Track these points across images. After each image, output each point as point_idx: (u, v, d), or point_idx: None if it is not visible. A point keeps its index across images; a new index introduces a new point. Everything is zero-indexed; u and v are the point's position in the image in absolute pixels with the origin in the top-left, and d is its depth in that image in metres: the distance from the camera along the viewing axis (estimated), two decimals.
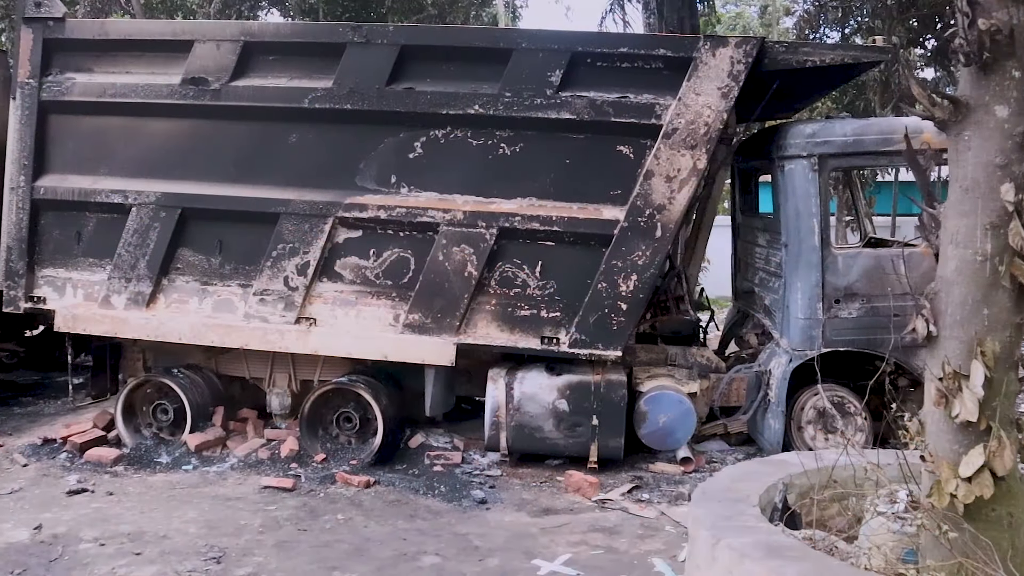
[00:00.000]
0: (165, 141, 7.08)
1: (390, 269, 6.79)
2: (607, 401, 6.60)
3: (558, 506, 6.09)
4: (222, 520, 5.71)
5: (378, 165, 6.75)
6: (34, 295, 7.33)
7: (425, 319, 6.70)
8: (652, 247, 6.44)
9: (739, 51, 6.29)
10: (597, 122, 6.44)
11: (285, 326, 6.87)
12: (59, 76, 7.19)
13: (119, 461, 6.91)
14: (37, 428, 7.99)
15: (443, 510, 5.98)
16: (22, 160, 7.21)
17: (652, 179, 6.40)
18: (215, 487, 6.41)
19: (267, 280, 6.89)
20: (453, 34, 6.68)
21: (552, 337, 6.62)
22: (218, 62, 6.88)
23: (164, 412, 7.26)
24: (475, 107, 6.53)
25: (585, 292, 6.55)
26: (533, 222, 6.53)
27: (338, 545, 5.33)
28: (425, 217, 6.64)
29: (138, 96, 7.01)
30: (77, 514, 5.81)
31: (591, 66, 6.46)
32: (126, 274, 7.12)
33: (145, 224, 7.05)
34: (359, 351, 6.80)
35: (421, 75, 6.65)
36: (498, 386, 6.71)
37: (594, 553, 5.22)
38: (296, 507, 5.99)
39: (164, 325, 7.04)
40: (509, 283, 6.66)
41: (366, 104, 6.66)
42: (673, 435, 6.69)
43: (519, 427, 6.67)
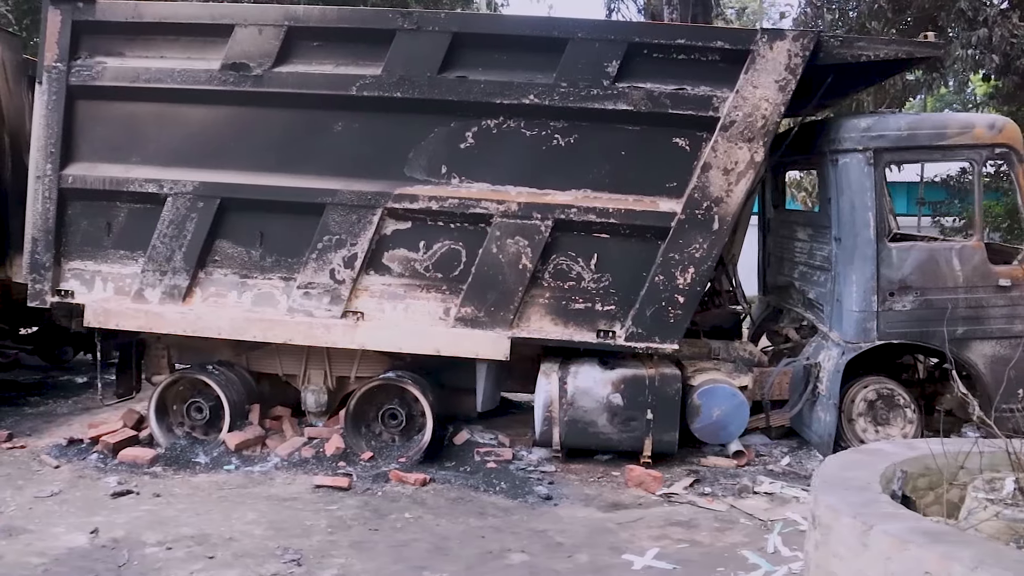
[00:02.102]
0: (203, 128, 6.82)
1: (440, 261, 6.64)
2: (662, 395, 6.56)
3: (624, 501, 6.03)
4: (285, 521, 5.52)
5: (428, 155, 6.59)
6: (61, 289, 7.00)
7: (478, 312, 6.57)
8: (709, 240, 6.41)
9: (796, 44, 6.29)
10: (654, 114, 6.38)
11: (331, 320, 6.68)
12: (88, 60, 6.87)
13: (156, 461, 6.64)
14: (55, 428, 7.67)
15: (511, 507, 5.87)
16: (48, 147, 6.87)
17: (710, 171, 6.37)
18: (264, 487, 6.19)
19: (312, 273, 6.68)
20: (507, 22, 6.56)
21: (608, 330, 6.55)
22: (260, 47, 6.65)
23: (199, 410, 7.01)
24: (530, 97, 6.42)
25: (640, 285, 6.50)
26: (590, 214, 6.45)
27: (416, 544, 5.18)
28: (478, 208, 6.52)
29: (174, 82, 6.74)
30: (129, 517, 5.56)
31: (647, 57, 6.40)
32: (161, 267, 6.84)
33: (182, 215, 6.78)
34: (410, 346, 6.64)
35: (473, 64, 6.51)
36: (551, 381, 6.61)
37: (680, 547, 5.17)
38: (357, 506, 5.82)
39: (202, 320, 6.78)
40: (563, 276, 6.57)
41: (417, 92, 6.50)
42: (726, 429, 6.68)
43: (572, 422, 6.59)
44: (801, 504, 5.89)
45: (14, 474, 6.43)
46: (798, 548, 5.07)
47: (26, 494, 5.99)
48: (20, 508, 5.73)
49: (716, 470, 6.61)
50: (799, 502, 5.93)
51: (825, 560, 3.84)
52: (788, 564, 4.84)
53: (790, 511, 5.73)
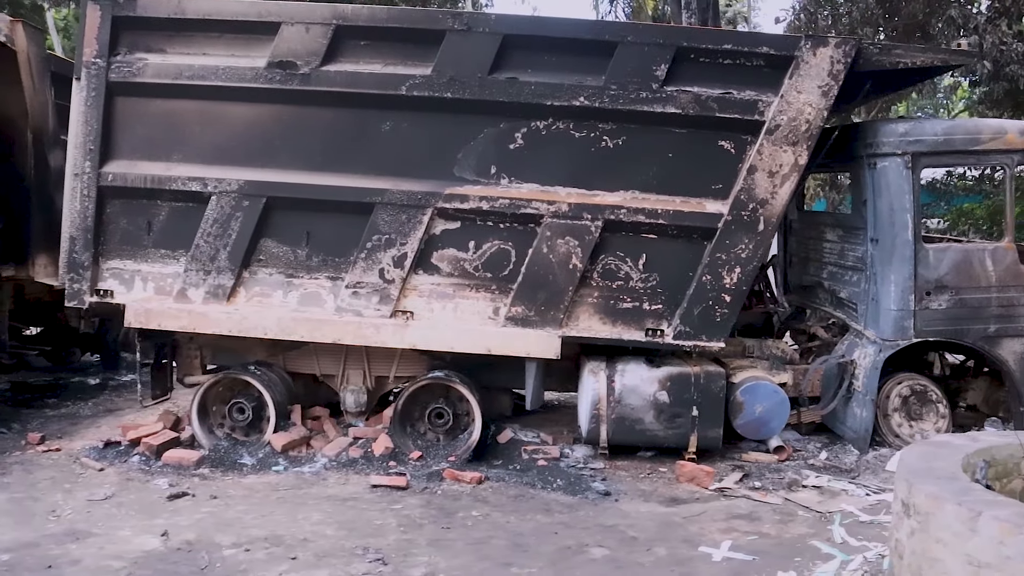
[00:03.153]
0: (248, 127, 6.77)
1: (490, 261, 6.69)
2: (707, 392, 6.70)
3: (681, 496, 6.16)
4: (353, 521, 5.52)
5: (477, 155, 6.64)
6: (100, 288, 6.88)
7: (529, 312, 6.64)
8: (755, 240, 6.57)
9: (839, 51, 6.48)
10: (701, 117, 6.52)
11: (381, 320, 6.68)
12: (129, 56, 6.76)
13: (202, 463, 6.58)
14: (84, 430, 7.55)
15: (573, 503, 5.95)
16: (87, 145, 6.75)
17: (755, 174, 6.53)
18: (319, 488, 6.18)
19: (361, 272, 6.68)
20: (557, 25, 6.61)
21: (656, 329, 6.67)
22: (307, 46, 6.62)
23: (240, 411, 6.94)
24: (580, 99, 6.51)
25: (687, 284, 6.64)
26: (639, 215, 6.56)
27: (494, 541, 5.23)
28: (529, 209, 6.59)
29: (218, 79, 6.67)
30: (192, 519, 5.51)
31: (694, 61, 6.53)
32: (205, 266, 6.77)
33: (226, 213, 6.72)
34: (462, 345, 6.67)
35: (523, 65, 6.57)
36: (598, 379, 6.71)
37: (750, 539, 5.31)
38: (421, 505, 5.84)
39: (247, 320, 6.73)
40: (612, 275, 6.68)
41: (467, 93, 6.54)
42: (768, 425, 6.85)
43: (620, 420, 6.70)
44: (851, 496, 6.09)
45: (59, 477, 6.32)
46: (864, 538, 5.26)
47: (78, 497, 5.90)
48: (77, 511, 5.64)
49: (759, 465, 6.78)
50: (848, 495, 6.12)
51: (925, 546, 4.00)
52: (860, 553, 5.00)
53: (844, 503, 5.91)
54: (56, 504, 5.77)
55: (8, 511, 5.61)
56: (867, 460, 6.79)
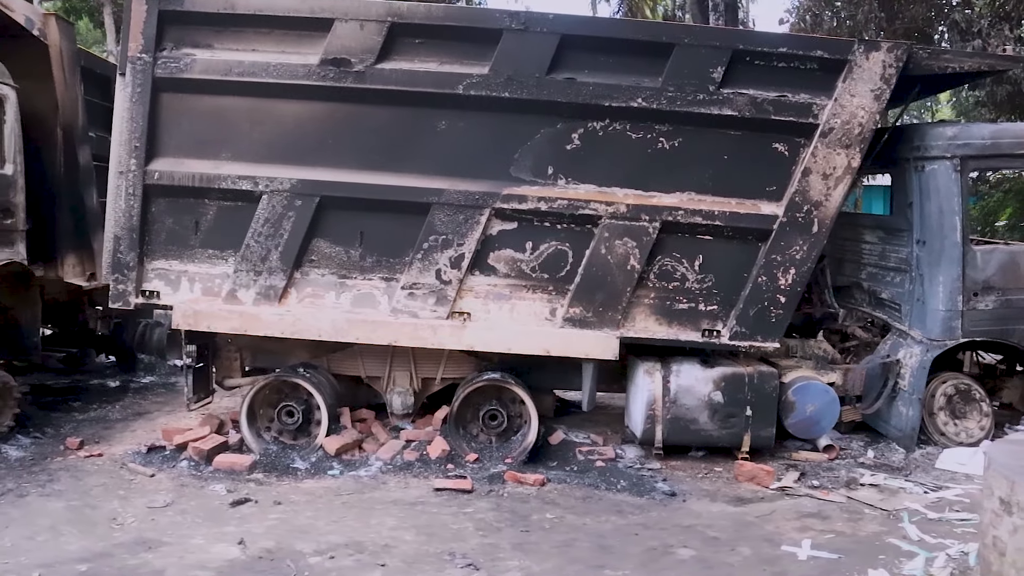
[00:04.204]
0: (300, 124, 6.64)
1: (547, 262, 6.67)
2: (760, 392, 6.76)
3: (745, 495, 6.20)
4: (429, 525, 5.46)
5: (534, 155, 6.60)
6: (145, 289, 6.71)
7: (586, 313, 6.63)
8: (809, 242, 6.64)
9: (891, 55, 6.57)
10: (756, 119, 6.56)
11: (437, 321, 6.62)
12: (175, 52, 6.60)
13: (254, 468, 6.45)
14: (119, 435, 7.38)
15: (642, 504, 5.96)
16: (133, 142, 6.58)
17: (810, 176, 6.59)
18: (382, 492, 6.10)
19: (417, 273, 6.61)
20: (615, 26, 6.67)
21: (712, 329, 6.71)
22: (362, 43, 6.52)
23: (290, 414, 6.82)
24: (638, 100, 6.51)
25: (742, 285, 6.69)
26: (696, 216, 6.59)
27: (578, 544, 5.22)
28: (587, 210, 6.57)
29: (270, 76, 6.54)
30: (264, 526, 5.40)
31: (749, 64, 6.56)
32: (255, 267, 6.64)
33: (278, 213, 6.60)
34: (520, 346, 6.64)
35: (580, 65, 6.55)
36: (654, 379, 6.73)
37: (827, 537, 5.37)
38: (491, 508, 5.80)
39: (301, 321, 6.62)
40: (668, 276, 6.70)
41: (525, 93, 6.51)
42: (819, 424, 6.93)
43: (675, 420, 6.73)
44: (910, 494, 6.18)
45: (110, 484, 6.16)
46: (937, 535, 5.35)
47: (137, 504, 5.75)
48: (140, 519, 5.50)
49: (811, 464, 6.86)
50: (907, 492, 6.22)
51: None
52: (941, 551, 5.08)
53: (906, 501, 6.00)
54: (115, 512, 5.62)
55: (70, 519, 5.45)
56: (915, 458, 6.91)
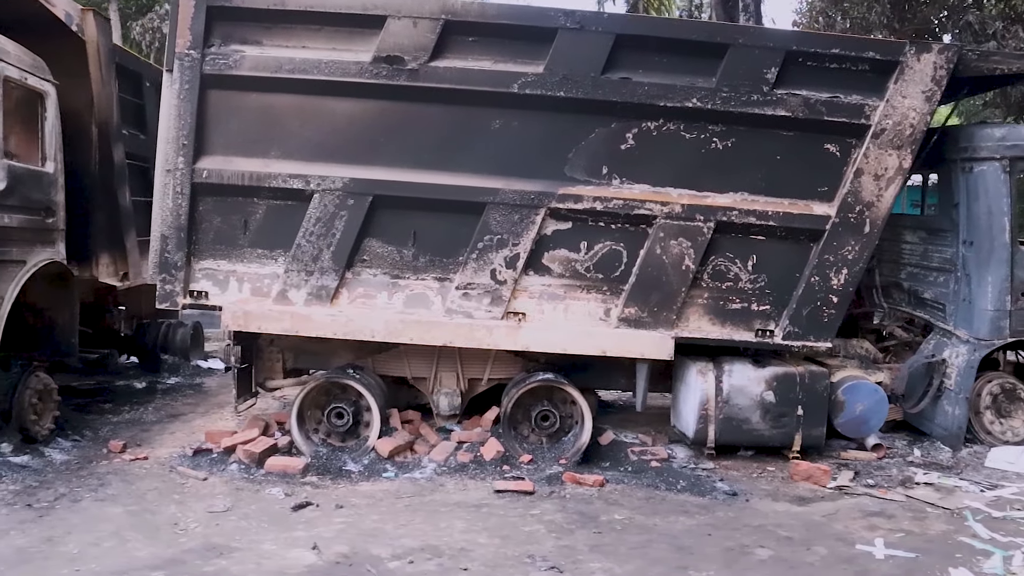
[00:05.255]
0: (352, 123, 6.56)
1: (601, 262, 6.64)
2: (811, 391, 6.78)
3: (804, 494, 6.21)
4: (500, 528, 5.41)
5: (588, 155, 6.58)
6: (193, 289, 6.59)
7: (641, 313, 6.62)
8: (861, 242, 6.67)
9: (941, 57, 6.61)
10: (809, 120, 6.58)
11: (492, 322, 6.57)
12: (224, 48, 6.49)
13: (307, 471, 6.35)
14: (158, 437, 7.26)
15: (706, 504, 5.94)
16: (180, 139, 6.46)
17: (862, 177, 6.62)
18: (441, 495, 6.03)
19: (472, 273, 6.56)
20: (669, 25, 6.64)
21: (765, 329, 6.72)
22: (415, 41, 6.46)
23: (339, 416, 6.74)
24: (692, 100, 6.51)
25: (794, 285, 6.71)
26: (750, 216, 6.60)
27: (655, 545, 5.19)
28: (643, 210, 6.56)
29: (321, 73, 6.45)
30: (333, 531, 5.30)
31: (802, 65, 6.57)
32: (307, 267, 6.55)
33: (330, 212, 6.51)
34: (576, 347, 6.61)
35: (635, 65, 6.53)
36: (707, 379, 6.72)
37: (898, 536, 5.39)
38: (557, 510, 5.75)
39: (353, 322, 6.54)
40: (721, 276, 6.70)
41: (580, 92, 6.48)
42: (868, 423, 6.96)
43: (728, 420, 6.73)
44: (967, 493, 6.23)
45: (162, 488, 6.03)
46: (1007, 533, 5.40)
47: (196, 509, 5.63)
48: (203, 524, 5.38)
49: (861, 463, 6.89)
50: (963, 491, 6.27)
51: None
52: (1016, 549, 5.12)
53: (967, 500, 6.05)
54: (175, 517, 5.50)
55: (132, 525, 5.33)
56: (963, 457, 6.97)
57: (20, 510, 5.48)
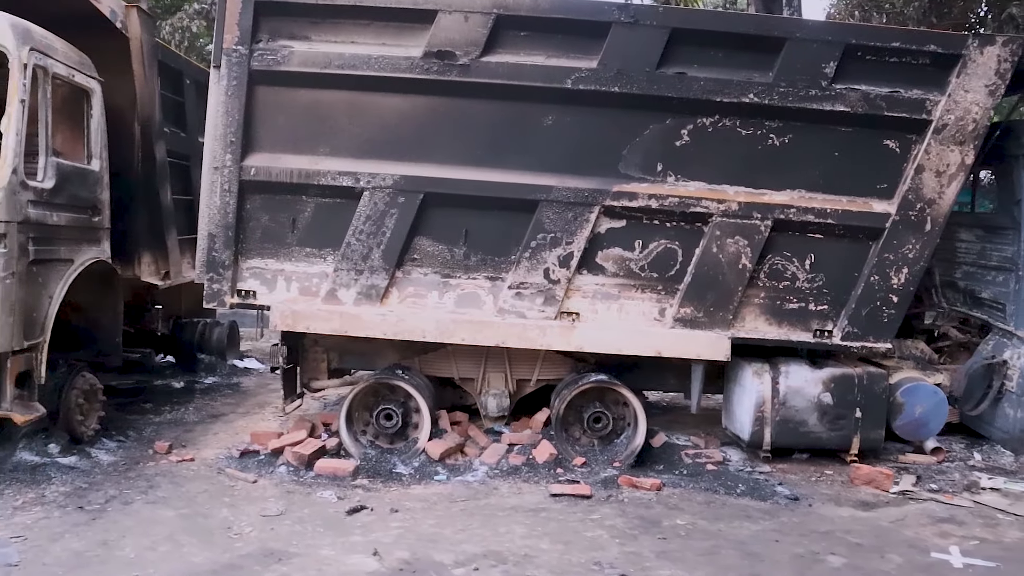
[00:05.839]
0: (402, 119, 6.44)
1: (656, 261, 6.51)
2: (869, 393, 6.62)
3: (868, 499, 6.05)
4: (561, 533, 5.28)
5: (643, 152, 6.44)
6: (241, 288, 6.50)
7: (697, 313, 6.48)
8: (922, 241, 6.51)
9: (1006, 50, 6.43)
10: (868, 115, 6.41)
11: (545, 322, 6.45)
12: (272, 44, 6.39)
13: (357, 474, 6.24)
14: (202, 438, 7.18)
15: (768, 509, 5.80)
16: (228, 136, 6.36)
17: (923, 173, 6.46)
18: (496, 498, 5.91)
19: (524, 272, 6.44)
20: (726, 19, 6.47)
21: (823, 330, 6.57)
22: (466, 35, 6.33)
23: (388, 418, 6.62)
24: (749, 96, 6.36)
25: (854, 285, 6.55)
26: (808, 214, 6.44)
27: (723, 551, 5.06)
28: (699, 208, 6.42)
29: (370, 69, 6.34)
30: (391, 536, 5.19)
31: (861, 59, 6.41)
32: (356, 265, 6.44)
33: (380, 210, 6.40)
34: (631, 347, 6.47)
35: (690, 60, 6.38)
36: (763, 381, 6.58)
37: (973, 544, 5.23)
38: (617, 515, 5.62)
39: (404, 322, 6.42)
40: (778, 276, 6.55)
41: (635, 88, 6.34)
42: (927, 426, 6.81)
43: (784, 422, 6.58)
44: None
45: (211, 490, 5.93)
46: None
47: (248, 512, 5.53)
48: (257, 528, 5.28)
49: (921, 467, 6.72)
50: None
51: None
52: None
53: None
54: (228, 520, 5.40)
55: (185, 529, 5.23)
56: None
57: (72, 512, 5.40)
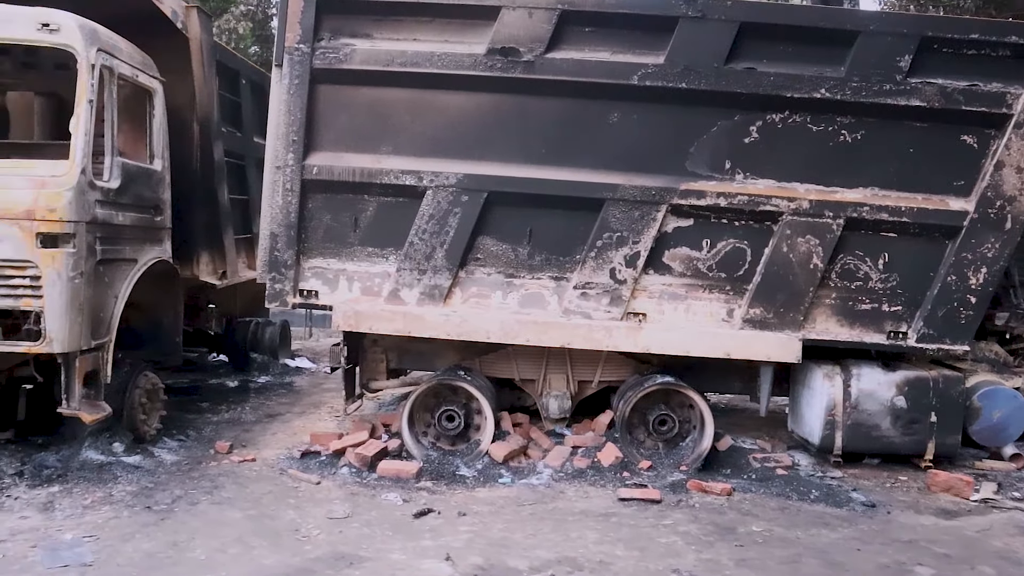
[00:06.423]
0: (465, 117, 6.37)
1: (724, 261, 6.37)
2: (945, 397, 6.42)
3: (947, 507, 5.87)
4: (634, 539, 5.15)
5: (710, 149, 6.31)
6: (303, 288, 6.46)
7: (767, 314, 6.33)
8: (1001, 239, 6.30)
9: None
10: (945, 110, 6.22)
11: (611, 322, 6.33)
12: (333, 42, 6.34)
13: (421, 476, 6.17)
14: (260, 437, 7.18)
15: (845, 516, 5.63)
16: (290, 135, 6.33)
17: (1003, 170, 6.25)
18: (564, 502, 5.80)
19: (590, 272, 6.33)
20: (796, 12, 6.31)
21: (897, 331, 6.39)
22: (530, 32, 6.24)
23: (450, 419, 6.54)
24: (821, 91, 6.19)
25: (928, 285, 6.36)
26: (882, 212, 6.26)
27: (806, 560, 4.90)
28: (768, 206, 6.26)
29: (433, 66, 6.27)
30: (461, 540, 5.09)
31: (937, 52, 6.22)
32: (420, 265, 6.37)
33: (443, 209, 6.32)
34: (698, 348, 6.34)
35: (759, 55, 6.24)
36: (834, 383, 6.41)
37: None
38: (689, 520, 5.49)
39: (467, 322, 6.34)
40: (850, 276, 6.38)
41: (703, 84, 6.20)
42: (1006, 431, 6.59)
43: (856, 426, 6.41)
44: None
45: (275, 492, 5.89)
46: None
47: (314, 515, 5.47)
48: (325, 531, 5.21)
49: (1001, 474, 6.52)
50: None
51: None
52: None
53: None
54: (295, 522, 5.34)
55: (255, 531, 5.17)
56: None
57: (141, 512, 5.38)
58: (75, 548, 4.79)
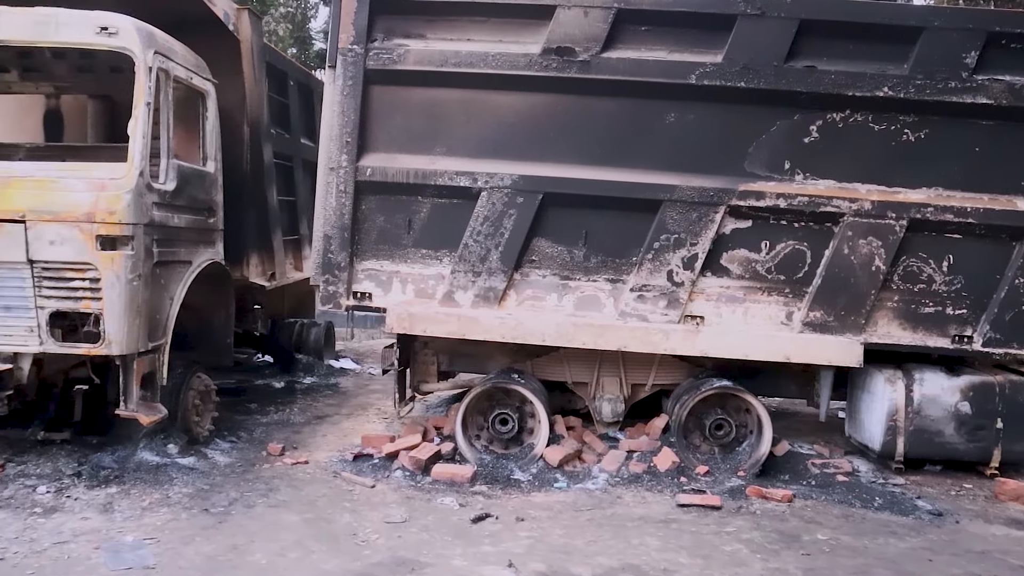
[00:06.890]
0: (520, 117, 6.31)
1: (783, 263, 6.25)
2: (1012, 403, 6.25)
3: (1017, 516, 5.73)
4: (697, 547, 5.05)
5: (769, 149, 6.19)
6: (356, 291, 6.43)
7: (827, 317, 6.20)
8: None
9: None
10: (1013, 107, 6.06)
11: (669, 325, 6.24)
12: (387, 43, 6.31)
13: (475, 480, 6.11)
14: (310, 439, 7.16)
15: (913, 525, 5.50)
16: (344, 137, 6.30)
17: None
18: (621, 508, 5.72)
19: (647, 275, 6.24)
20: (857, 9, 6.14)
21: (962, 335, 6.23)
22: (586, 31, 6.16)
23: (503, 422, 6.47)
24: (883, 89, 6.06)
25: (994, 288, 6.20)
26: (946, 213, 6.11)
27: (876, 571, 4.78)
28: (829, 207, 6.14)
29: (487, 66, 6.21)
30: (521, 546, 5.02)
31: (1005, 48, 6.07)
32: (474, 267, 6.32)
33: (498, 211, 6.27)
34: (757, 352, 6.23)
35: (819, 53, 6.12)
36: (896, 389, 6.26)
37: None
38: (752, 528, 5.38)
39: (523, 325, 6.28)
40: (913, 278, 6.24)
41: (762, 82, 6.09)
42: None
43: (919, 432, 6.26)
44: None
45: (330, 495, 5.86)
46: None
47: (371, 519, 5.43)
48: (383, 536, 5.17)
49: None
50: None
51: None
52: None
53: None
54: (353, 526, 5.30)
55: (313, 535, 5.15)
56: None
57: (198, 515, 5.37)
58: (137, 550, 4.78)
